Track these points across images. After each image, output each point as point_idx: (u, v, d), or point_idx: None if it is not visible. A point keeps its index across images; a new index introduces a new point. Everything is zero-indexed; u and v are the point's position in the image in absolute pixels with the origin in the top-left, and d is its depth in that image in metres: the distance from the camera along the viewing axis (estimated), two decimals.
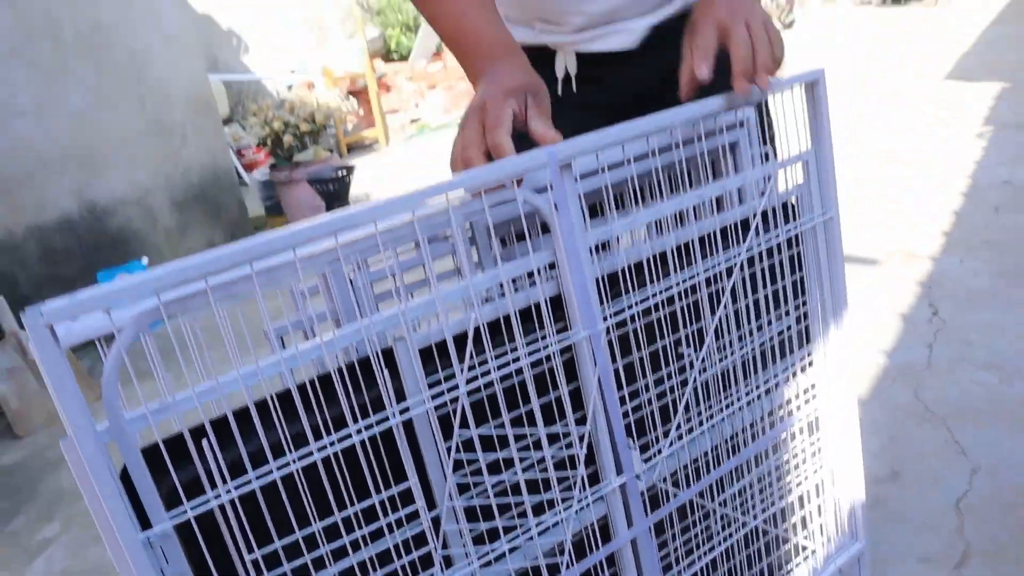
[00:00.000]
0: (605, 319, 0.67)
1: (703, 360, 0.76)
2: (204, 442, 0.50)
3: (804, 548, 0.93)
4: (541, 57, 0.98)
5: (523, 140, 0.69)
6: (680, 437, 0.76)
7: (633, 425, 0.73)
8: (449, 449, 0.61)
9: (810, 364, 0.88)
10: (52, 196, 3.16)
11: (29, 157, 3.09)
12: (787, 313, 0.83)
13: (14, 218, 3.03)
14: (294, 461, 0.54)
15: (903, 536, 1.41)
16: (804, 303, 0.85)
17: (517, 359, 0.62)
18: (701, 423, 0.77)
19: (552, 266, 0.65)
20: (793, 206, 0.83)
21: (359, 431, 0.56)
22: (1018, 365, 1.87)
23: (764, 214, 0.78)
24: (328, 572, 0.58)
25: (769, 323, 0.81)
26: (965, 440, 1.63)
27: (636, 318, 0.72)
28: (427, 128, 6.49)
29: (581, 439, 0.67)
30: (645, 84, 0.97)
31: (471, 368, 0.60)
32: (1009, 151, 3.57)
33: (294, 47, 6.85)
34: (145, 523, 0.50)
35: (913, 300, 2.31)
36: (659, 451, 0.74)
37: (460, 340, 0.60)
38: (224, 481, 0.52)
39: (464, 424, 0.62)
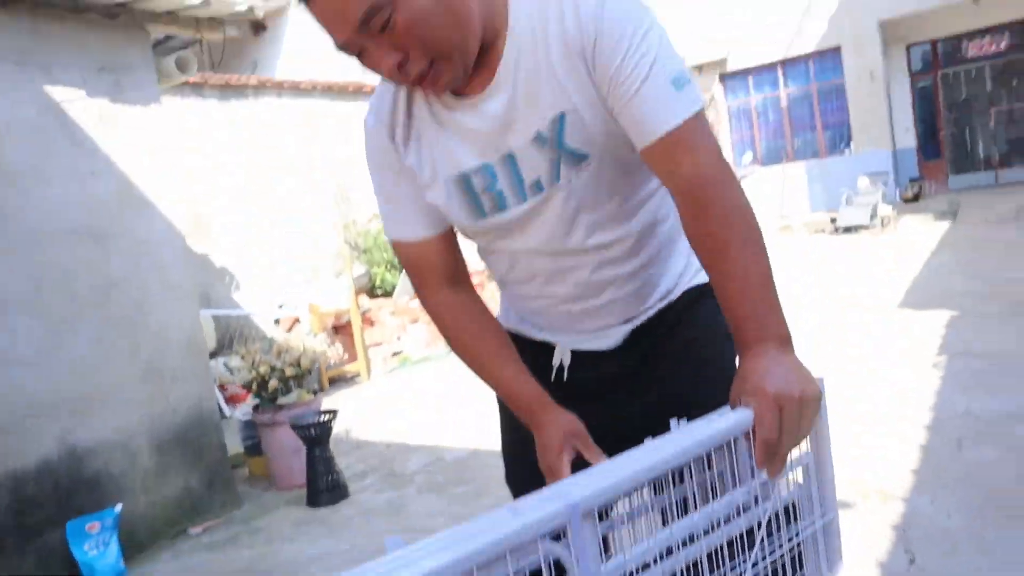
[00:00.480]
0: None
1: None
2: None
3: None
4: (543, 349, 1.23)
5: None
6: None
7: None
8: None
9: None
10: (36, 442, 3.18)
11: (21, 403, 3.15)
12: None
13: None
14: None
15: None
16: None
17: None
18: None
19: None
20: (793, 506, 0.90)
21: None
22: None
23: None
24: None
25: None
26: None
27: None
28: (408, 361, 6.68)
29: None
30: (626, 368, 1.19)
31: None
32: (964, 380, 3.76)
33: (283, 283, 7.22)
34: None
35: (889, 546, 2.33)
36: None
37: None
38: None
39: None
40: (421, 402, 5.42)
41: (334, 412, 3.75)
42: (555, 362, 1.22)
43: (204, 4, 3.32)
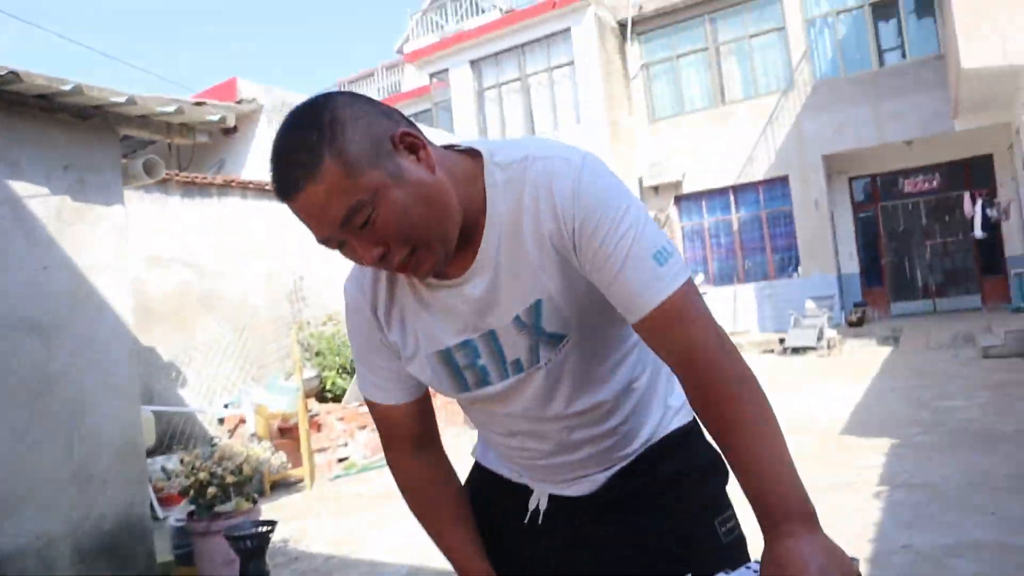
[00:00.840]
0: None
1: None
2: None
3: None
4: (520, 490, 1.23)
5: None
6: None
7: None
8: None
9: None
10: None
11: None
12: None
13: None
14: None
15: None
16: None
17: None
18: None
19: None
20: None
21: None
22: None
23: None
24: None
25: None
26: None
27: None
28: (354, 467, 6.52)
29: None
30: (604, 512, 1.18)
31: None
32: (905, 514, 3.80)
33: (231, 382, 7.08)
34: None
35: None
36: None
37: None
38: None
39: None
40: (365, 512, 5.26)
41: (272, 523, 3.62)
42: (531, 505, 1.22)
43: (177, 112, 3.41)
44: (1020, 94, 9.93)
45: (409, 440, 1.19)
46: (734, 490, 1.07)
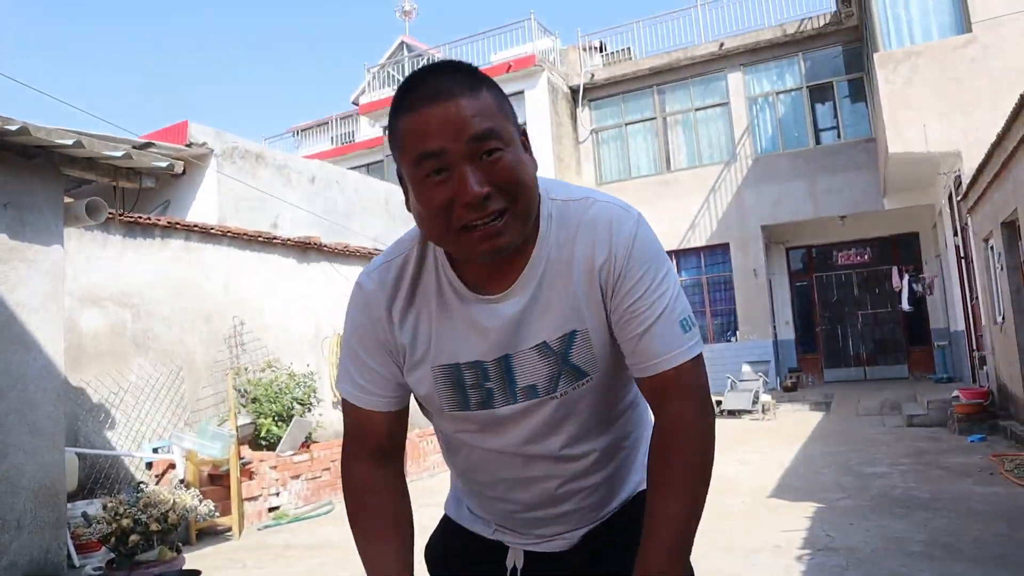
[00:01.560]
0: None
1: None
2: None
3: None
4: (495, 548, 1.24)
5: None
6: None
7: None
8: None
9: None
10: None
11: None
12: None
13: None
14: None
15: None
16: None
17: None
18: None
19: None
20: None
21: None
22: None
23: None
24: None
25: None
26: None
27: None
28: (284, 517, 6.38)
29: None
30: (579, 567, 1.20)
31: None
32: None
33: (162, 426, 6.89)
34: None
35: None
36: None
37: None
38: None
39: None
40: (293, 562, 5.14)
41: (196, 573, 3.54)
42: (508, 564, 1.23)
43: (126, 156, 3.42)
44: (940, 179, 10.58)
45: (375, 449, 1.15)
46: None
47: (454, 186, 0.94)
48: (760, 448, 8.58)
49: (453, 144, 0.92)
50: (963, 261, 10.43)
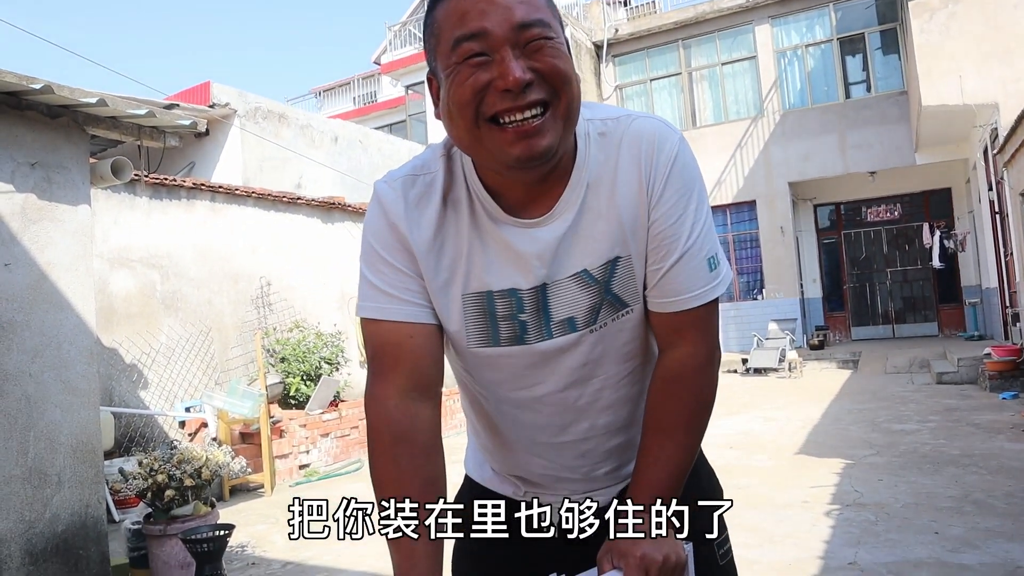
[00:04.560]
0: None
1: None
2: None
3: None
4: (521, 509, 1.14)
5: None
6: None
7: None
8: None
9: None
10: None
11: None
12: None
13: None
14: None
15: None
16: None
17: None
18: None
19: None
20: None
21: None
22: None
23: None
24: None
25: None
26: None
27: None
28: (315, 475, 6.49)
29: None
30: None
31: None
32: (853, 531, 3.91)
33: (193, 386, 7.01)
34: None
35: None
36: None
37: None
38: None
39: None
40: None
41: (230, 527, 3.61)
42: (537, 524, 1.10)
43: (149, 115, 3.41)
44: (976, 132, 10.28)
45: (407, 379, 0.98)
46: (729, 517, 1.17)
47: (493, 71, 0.86)
48: (787, 405, 8.55)
49: (498, 28, 0.85)
50: (997, 216, 10.19)
